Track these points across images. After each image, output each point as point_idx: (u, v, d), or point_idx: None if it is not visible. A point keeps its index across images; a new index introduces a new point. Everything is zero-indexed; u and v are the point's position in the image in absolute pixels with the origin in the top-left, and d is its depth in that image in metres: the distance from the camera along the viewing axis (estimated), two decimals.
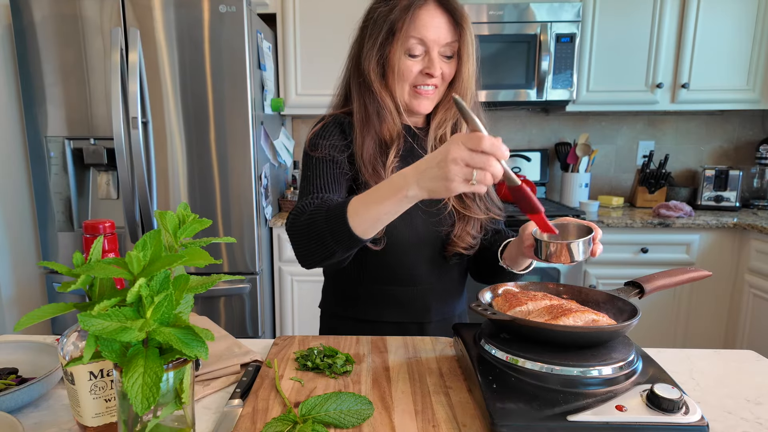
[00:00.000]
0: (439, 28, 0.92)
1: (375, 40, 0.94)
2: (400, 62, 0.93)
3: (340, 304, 1.08)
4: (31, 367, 0.78)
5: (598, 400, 0.61)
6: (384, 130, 0.96)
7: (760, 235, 2.14)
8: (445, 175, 0.66)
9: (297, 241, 0.85)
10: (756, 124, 2.77)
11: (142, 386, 0.46)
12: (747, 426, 0.65)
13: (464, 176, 0.66)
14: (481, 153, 0.64)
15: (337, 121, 1.00)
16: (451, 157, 0.65)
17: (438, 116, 1.01)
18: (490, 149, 0.64)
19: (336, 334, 1.06)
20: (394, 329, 1.02)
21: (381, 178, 0.93)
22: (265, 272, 2.24)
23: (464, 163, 0.65)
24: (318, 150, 0.95)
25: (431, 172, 0.68)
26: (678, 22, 2.38)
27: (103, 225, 0.64)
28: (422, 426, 0.63)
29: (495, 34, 2.33)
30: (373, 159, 0.96)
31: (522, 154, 2.71)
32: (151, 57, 1.96)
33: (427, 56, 0.93)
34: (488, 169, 0.65)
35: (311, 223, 0.81)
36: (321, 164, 0.95)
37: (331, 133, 0.97)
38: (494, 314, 0.70)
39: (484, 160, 0.64)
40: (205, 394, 0.75)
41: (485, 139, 0.64)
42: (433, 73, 0.93)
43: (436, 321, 1.05)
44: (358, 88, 0.98)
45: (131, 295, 0.48)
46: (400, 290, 1.02)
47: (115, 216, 2.09)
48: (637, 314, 0.70)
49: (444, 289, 1.06)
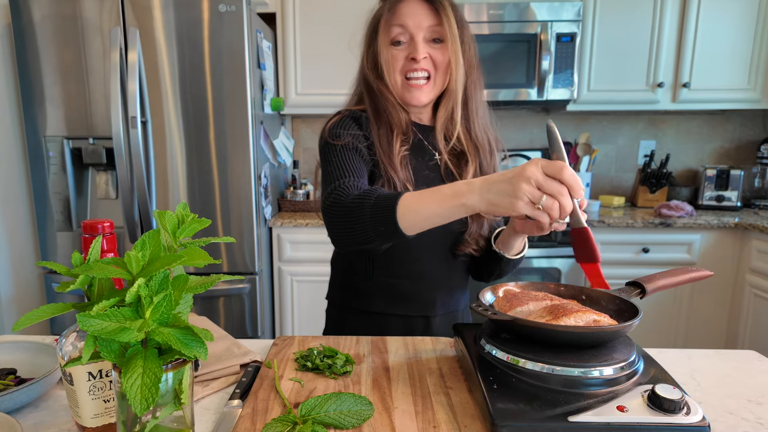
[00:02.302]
0: (419, 13, 0.95)
1: (367, 39, 1.01)
2: (386, 52, 0.97)
3: (347, 296, 1.09)
4: (29, 368, 0.78)
5: (599, 400, 0.61)
6: (393, 122, 0.99)
7: (762, 234, 2.14)
8: (513, 192, 0.66)
9: (335, 222, 0.83)
10: (757, 124, 2.77)
11: (141, 387, 0.46)
12: (748, 426, 0.65)
13: (532, 197, 0.65)
14: (556, 181, 0.64)
15: (353, 115, 1.02)
16: (526, 175, 0.65)
17: (441, 110, 1.02)
18: (569, 179, 0.64)
19: (342, 326, 1.09)
20: (400, 322, 1.05)
21: (395, 165, 0.96)
22: (264, 272, 2.24)
23: (537, 185, 0.65)
24: (340, 139, 0.96)
25: (499, 186, 0.68)
26: (679, 21, 2.38)
27: (101, 225, 0.64)
28: (422, 426, 0.63)
29: (495, 33, 2.32)
30: (389, 150, 0.98)
31: (523, 153, 2.71)
32: (150, 57, 1.96)
33: (412, 42, 0.96)
34: (559, 199, 0.65)
35: (357, 207, 0.80)
36: (345, 151, 0.95)
37: (349, 125, 0.99)
38: (495, 314, 0.70)
39: (558, 188, 0.64)
40: (205, 395, 0.74)
41: (567, 169, 0.64)
42: (417, 57, 0.94)
43: (441, 315, 1.07)
44: (366, 88, 1.03)
45: (130, 295, 0.48)
46: (407, 284, 1.04)
47: (114, 216, 2.08)
48: (639, 314, 0.70)
49: (450, 284, 1.08)
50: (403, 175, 0.96)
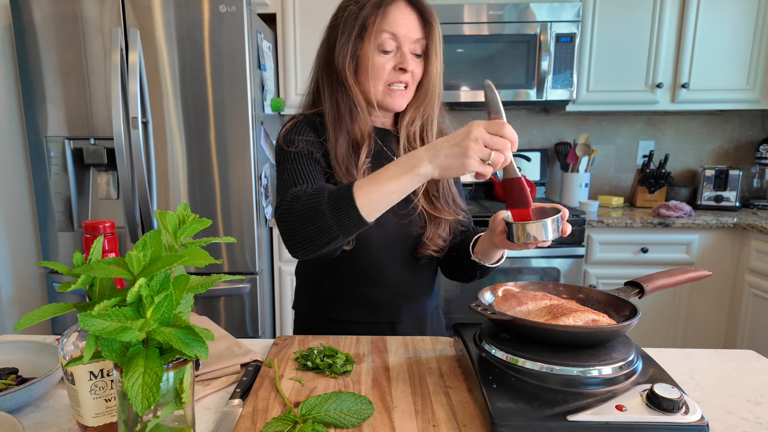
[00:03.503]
0: (410, 24, 0.94)
1: (348, 38, 0.94)
2: (373, 59, 0.94)
3: (313, 305, 1.09)
4: (31, 367, 0.78)
5: (598, 399, 0.61)
6: (356, 128, 0.97)
7: (760, 234, 2.14)
8: (464, 152, 0.72)
9: (294, 228, 0.81)
10: (756, 124, 2.77)
11: (142, 386, 0.46)
12: (747, 426, 0.65)
13: (481, 155, 0.72)
14: (500, 137, 0.72)
15: (309, 120, 1.00)
16: (473, 136, 0.71)
17: (408, 115, 1.02)
18: (510, 135, 0.72)
19: (310, 334, 1.05)
20: (367, 329, 1.02)
21: (354, 177, 0.93)
22: (265, 272, 2.24)
23: (483, 144, 0.71)
24: (294, 145, 0.95)
25: (448, 150, 0.73)
26: (678, 21, 2.38)
27: (103, 225, 0.64)
28: (422, 426, 0.63)
29: (495, 34, 2.33)
30: (347, 159, 0.96)
31: (522, 153, 2.71)
32: (151, 57, 1.96)
33: (399, 52, 0.95)
34: (504, 153, 0.72)
35: (313, 206, 0.79)
36: (299, 158, 0.94)
37: (304, 130, 0.97)
38: (494, 314, 0.70)
39: (502, 143, 0.72)
40: (205, 394, 0.75)
41: (507, 126, 0.72)
42: (407, 68, 0.95)
43: (408, 320, 1.06)
44: (330, 87, 0.98)
45: (131, 295, 0.48)
46: (372, 291, 1.03)
47: (115, 216, 2.09)
48: (637, 314, 0.71)
49: (415, 288, 1.07)
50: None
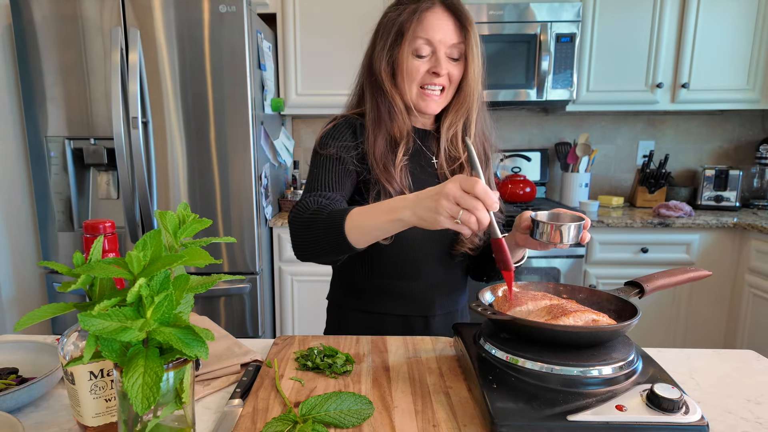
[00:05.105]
0: (446, 29, 0.96)
1: (385, 43, 0.99)
2: (408, 62, 0.98)
3: (348, 296, 1.10)
4: (31, 367, 0.78)
5: (598, 399, 0.61)
6: (394, 128, 1.01)
7: (760, 234, 2.14)
8: (435, 208, 0.70)
9: (295, 235, 0.90)
10: (756, 124, 2.77)
11: (142, 386, 0.46)
12: (747, 426, 0.65)
13: (451, 213, 0.69)
14: (472, 197, 0.68)
15: (349, 122, 1.03)
16: (444, 192, 0.69)
17: (449, 118, 1.04)
18: (482, 194, 0.68)
19: (343, 325, 1.10)
20: (399, 322, 1.06)
21: (391, 175, 0.98)
22: (265, 272, 2.24)
23: (455, 201, 0.69)
24: (327, 149, 0.99)
25: (426, 203, 0.72)
26: (678, 21, 2.38)
27: (103, 225, 0.64)
28: (422, 426, 0.63)
29: (495, 33, 2.33)
30: (384, 157, 0.99)
31: (522, 153, 2.71)
32: (151, 57, 1.96)
33: (434, 56, 0.97)
34: (475, 213, 0.68)
35: (311, 222, 0.86)
36: (328, 162, 0.98)
37: (341, 133, 1.01)
38: (494, 314, 0.70)
39: (473, 203, 0.68)
40: (205, 394, 0.75)
41: (480, 184, 0.68)
42: (440, 72, 0.97)
43: (440, 315, 1.08)
44: (371, 89, 1.03)
45: (131, 295, 0.48)
46: (406, 285, 1.05)
47: (116, 216, 2.09)
48: (637, 314, 0.71)
49: (448, 284, 1.09)
50: (400, 183, 0.98)
